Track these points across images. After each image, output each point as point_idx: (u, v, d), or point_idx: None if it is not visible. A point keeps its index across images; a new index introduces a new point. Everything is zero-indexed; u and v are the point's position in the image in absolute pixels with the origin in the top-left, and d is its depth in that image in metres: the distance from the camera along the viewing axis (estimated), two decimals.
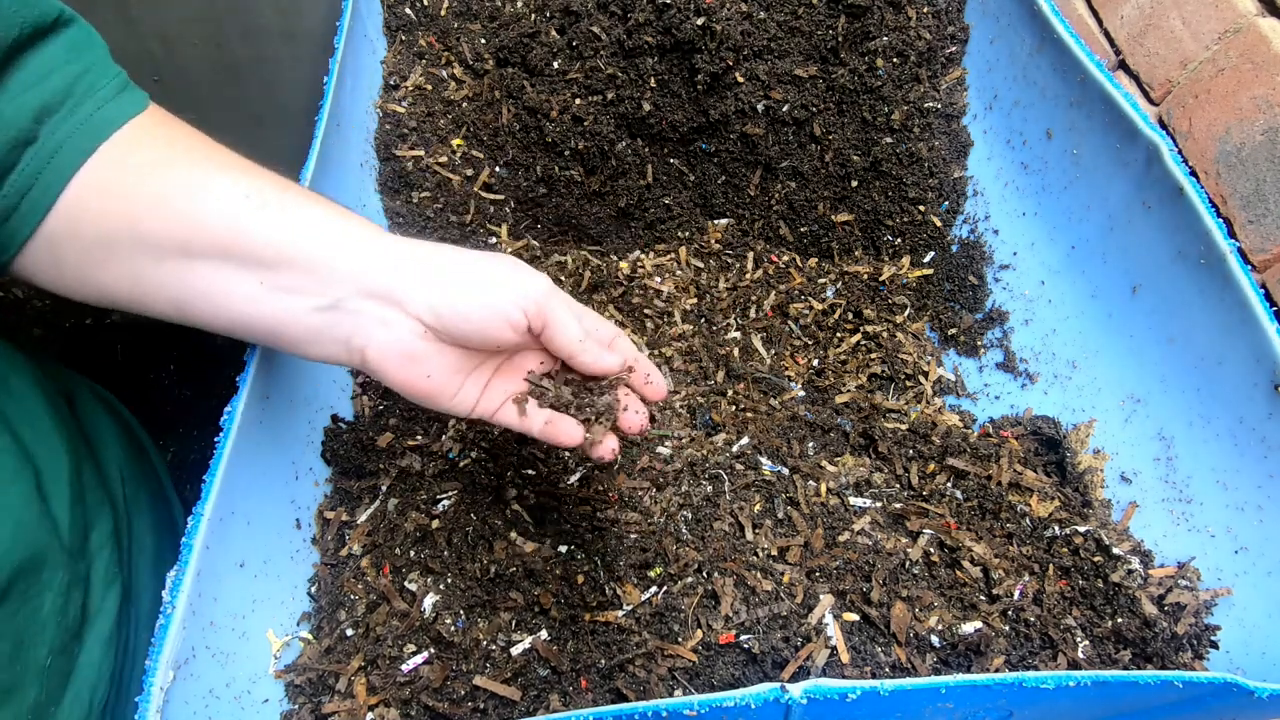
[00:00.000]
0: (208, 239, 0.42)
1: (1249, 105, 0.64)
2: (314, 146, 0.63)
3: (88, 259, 0.44)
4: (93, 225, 0.43)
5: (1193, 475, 0.59)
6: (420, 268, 0.45)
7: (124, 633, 0.57)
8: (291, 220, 0.44)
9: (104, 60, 0.46)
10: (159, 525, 0.65)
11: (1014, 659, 0.53)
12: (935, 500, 0.62)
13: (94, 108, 0.44)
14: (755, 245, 0.89)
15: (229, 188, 0.43)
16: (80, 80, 0.44)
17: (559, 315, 0.46)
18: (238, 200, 0.43)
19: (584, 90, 0.82)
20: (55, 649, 0.49)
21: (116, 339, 1.41)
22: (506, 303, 0.44)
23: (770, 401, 0.76)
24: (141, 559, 0.62)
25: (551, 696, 0.51)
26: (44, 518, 0.50)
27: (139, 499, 0.64)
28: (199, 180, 0.43)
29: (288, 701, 0.52)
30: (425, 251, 0.46)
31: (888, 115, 0.80)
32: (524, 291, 0.45)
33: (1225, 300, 0.55)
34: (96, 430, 0.62)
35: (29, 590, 0.48)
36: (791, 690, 0.37)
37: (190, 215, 0.42)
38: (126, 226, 0.43)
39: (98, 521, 0.56)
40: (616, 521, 0.59)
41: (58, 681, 0.50)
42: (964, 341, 0.81)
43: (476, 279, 0.45)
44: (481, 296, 0.44)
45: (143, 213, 0.42)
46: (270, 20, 0.96)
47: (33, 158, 0.42)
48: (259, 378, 0.52)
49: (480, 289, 0.44)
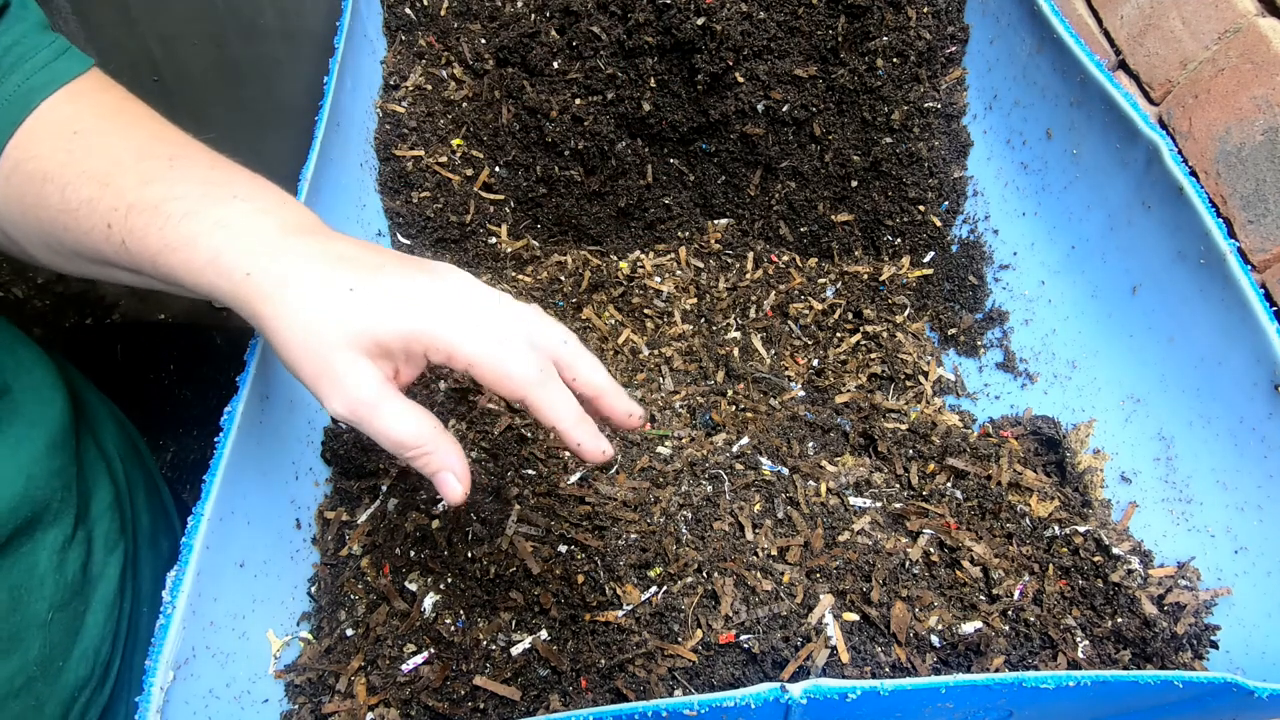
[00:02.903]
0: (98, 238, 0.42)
1: (1249, 105, 0.64)
2: (314, 146, 0.63)
3: (31, 223, 0.44)
4: (31, 185, 0.43)
5: (1193, 475, 0.59)
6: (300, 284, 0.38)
7: (126, 599, 0.59)
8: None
9: (35, 30, 0.46)
10: (154, 508, 0.67)
11: (1014, 659, 0.53)
12: (935, 500, 0.62)
13: (22, 78, 0.44)
14: (755, 245, 0.89)
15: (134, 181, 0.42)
16: (9, 53, 0.44)
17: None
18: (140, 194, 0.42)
19: (584, 90, 0.82)
20: (56, 605, 0.51)
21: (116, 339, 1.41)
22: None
23: (770, 401, 0.76)
24: (140, 534, 0.63)
25: (551, 696, 0.51)
26: (52, 476, 0.51)
27: (135, 479, 0.65)
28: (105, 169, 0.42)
29: (288, 701, 0.52)
30: (319, 259, 0.39)
31: (888, 115, 0.80)
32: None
33: (1225, 300, 0.55)
34: (93, 409, 0.64)
35: (23, 545, 0.49)
36: (791, 690, 0.37)
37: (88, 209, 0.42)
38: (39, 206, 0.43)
39: (97, 490, 0.58)
40: (616, 521, 0.59)
41: (63, 638, 0.52)
42: (964, 341, 0.81)
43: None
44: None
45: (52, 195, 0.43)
46: (270, 20, 0.96)
47: None
48: (259, 378, 0.52)
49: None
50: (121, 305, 1.50)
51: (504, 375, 0.38)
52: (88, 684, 0.54)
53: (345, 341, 0.37)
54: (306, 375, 0.38)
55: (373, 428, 0.38)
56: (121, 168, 0.42)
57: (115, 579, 0.57)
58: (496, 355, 0.37)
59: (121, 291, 1.51)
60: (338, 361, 0.37)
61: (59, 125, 0.44)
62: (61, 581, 0.52)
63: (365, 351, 0.37)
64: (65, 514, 0.53)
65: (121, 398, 0.73)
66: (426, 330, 0.37)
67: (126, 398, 0.74)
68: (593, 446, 0.40)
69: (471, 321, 0.38)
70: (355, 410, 0.37)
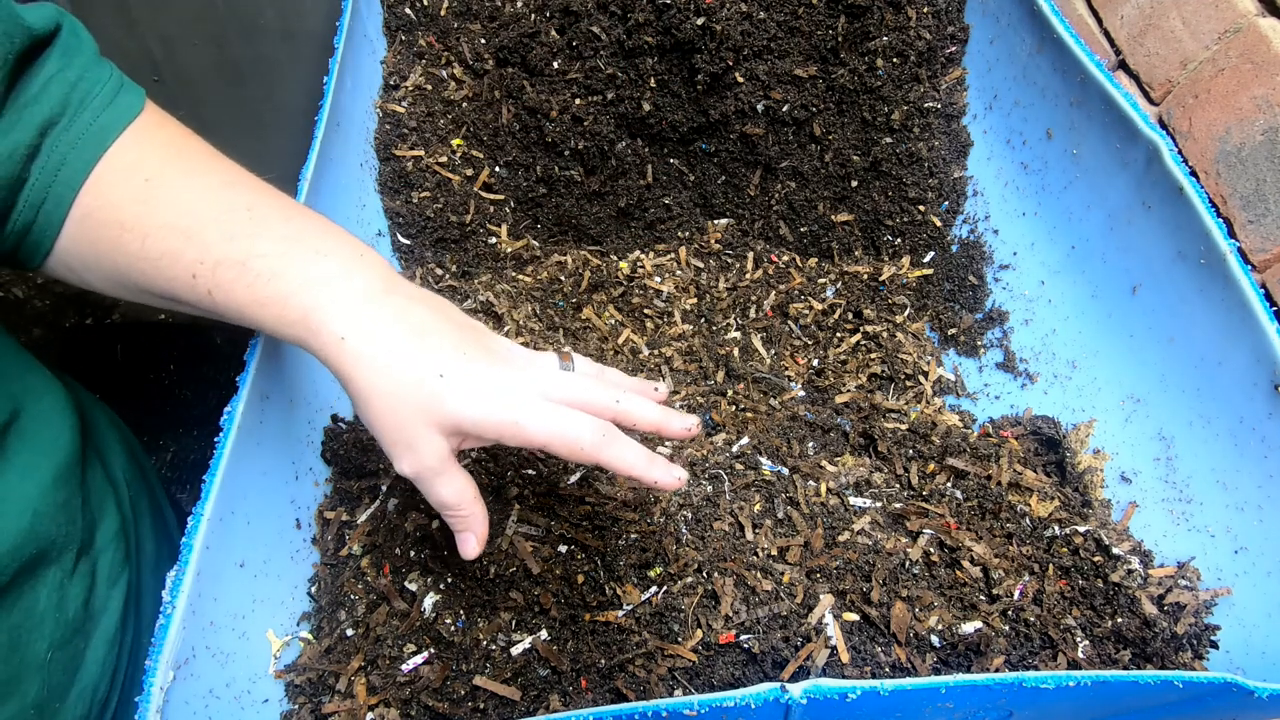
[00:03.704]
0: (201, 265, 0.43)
1: (1249, 105, 0.64)
2: (314, 146, 0.63)
3: (106, 267, 0.45)
4: (108, 233, 0.44)
5: (1193, 475, 0.59)
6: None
7: (128, 633, 0.57)
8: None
9: (95, 63, 0.46)
10: (158, 533, 0.66)
11: (1014, 659, 0.53)
12: (935, 500, 0.62)
13: (91, 117, 0.44)
14: (755, 245, 0.89)
15: (220, 216, 0.44)
16: (75, 89, 0.44)
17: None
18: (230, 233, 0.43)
19: (584, 90, 0.82)
20: (55, 643, 0.49)
21: (116, 339, 1.41)
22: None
23: (770, 401, 0.76)
24: (144, 562, 0.62)
25: (551, 696, 0.51)
26: (58, 510, 0.50)
27: (140, 505, 0.64)
28: (188, 204, 0.44)
29: (288, 701, 0.52)
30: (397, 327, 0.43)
31: (888, 115, 0.80)
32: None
33: (1225, 300, 0.55)
34: (99, 431, 0.62)
35: (25, 583, 0.48)
36: (791, 690, 0.37)
37: (182, 240, 0.43)
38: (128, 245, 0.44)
39: (103, 519, 0.56)
40: (616, 521, 0.59)
41: (61, 677, 0.50)
42: (964, 341, 0.81)
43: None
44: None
45: (136, 235, 0.44)
46: (270, 20, 0.96)
47: (40, 171, 0.43)
48: (259, 378, 0.52)
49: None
50: (122, 305, 1.50)
51: (576, 450, 0.43)
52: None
53: (428, 421, 0.41)
54: (384, 438, 0.42)
55: (428, 488, 0.43)
56: (202, 222, 0.43)
57: (118, 611, 0.55)
58: (564, 435, 0.42)
59: None
60: (417, 435, 0.41)
61: (129, 171, 0.44)
62: (62, 619, 0.50)
63: (443, 431, 0.42)
64: (69, 547, 0.51)
65: (121, 398, 0.73)
66: (506, 425, 0.42)
67: (126, 398, 0.74)
68: (668, 479, 0.45)
69: (542, 413, 0.42)
70: (420, 475, 0.42)
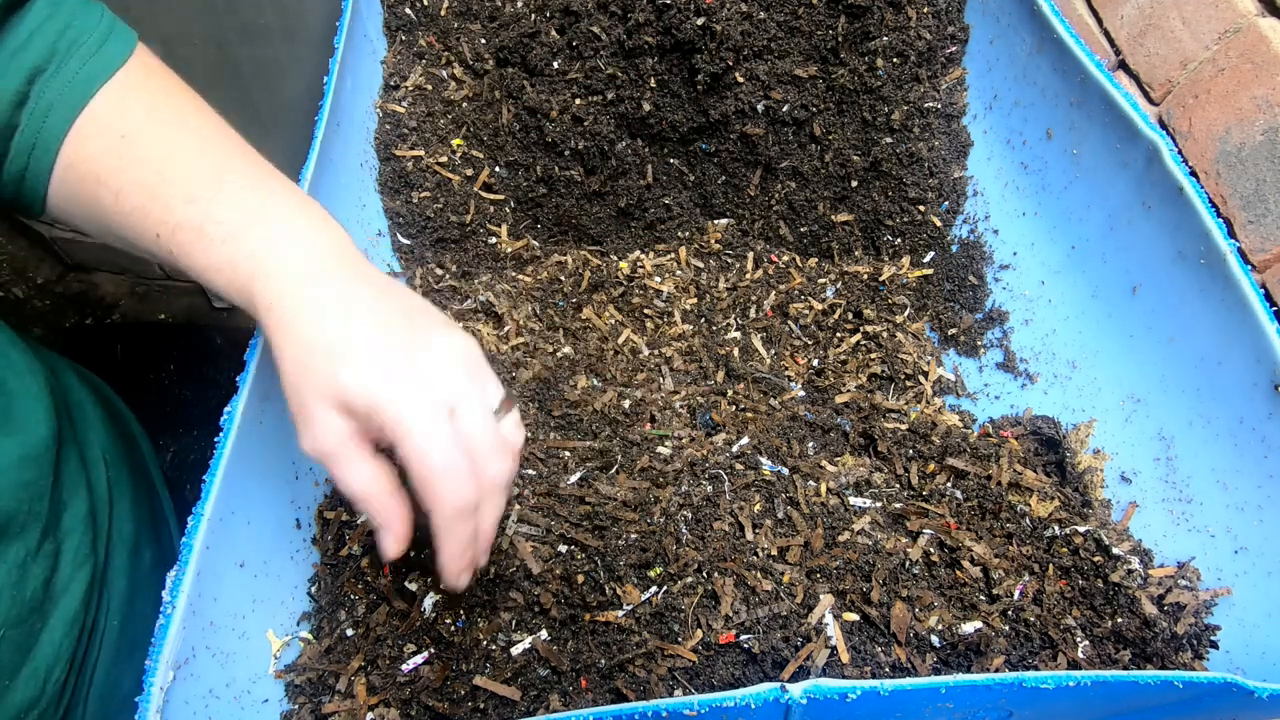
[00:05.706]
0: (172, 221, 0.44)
1: (1249, 105, 0.64)
2: (314, 146, 0.63)
3: (93, 217, 0.46)
4: (86, 185, 0.45)
5: (1193, 475, 0.59)
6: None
7: (90, 616, 0.57)
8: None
9: (83, 7, 0.47)
10: (140, 515, 0.65)
11: (1014, 659, 0.53)
12: (935, 500, 0.62)
13: (78, 65, 0.45)
14: (755, 245, 0.89)
15: (198, 171, 0.45)
16: (63, 36, 0.45)
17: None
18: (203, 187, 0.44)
19: (584, 90, 0.82)
20: (10, 621, 0.49)
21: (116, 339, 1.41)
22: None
23: (770, 401, 0.76)
24: (119, 545, 0.61)
25: (551, 696, 0.51)
26: (20, 488, 0.50)
27: (121, 485, 0.63)
28: (165, 157, 0.45)
29: (288, 701, 0.52)
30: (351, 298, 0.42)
31: (888, 115, 0.80)
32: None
33: (1225, 300, 0.55)
34: (80, 411, 0.62)
35: None
36: (791, 690, 0.37)
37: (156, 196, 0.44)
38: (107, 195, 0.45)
39: (73, 502, 0.56)
40: (616, 521, 0.59)
41: (13, 656, 0.50)
42: (964, 341, 0.81)
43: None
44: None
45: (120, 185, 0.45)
46: (270, 20, 0.96)
47: (29, 118, 0.44)
48: (259, 378, 0.52)
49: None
50: (122, 305, 1.50)
51: (441, 498, 0.40)
52: (35, 705, 0.51)
53: (323, 394, 0.40)
54: (290, 409, 0.41)
55: (333, 474, 0.41)
56: (168, 181, 0.44)
57: (80, 594, 0.55)
58: (446, 474, 0.39)
59: (121, 291, 1.51)
60: (314, 410, 0.40)
61: (108, 124, 0.45)
62: (19, 597, 0.50)
63: (337, 407, 0.40)
64: (32, 526, 0.51)
65: (121, 398, 0.73)
66: (389, 416, 0.39)
67: (126, 398, 0.74)
68: (457, 582, 0.43)
69: (438, 431, 0.39)
70: (320, 454, 0.41)
